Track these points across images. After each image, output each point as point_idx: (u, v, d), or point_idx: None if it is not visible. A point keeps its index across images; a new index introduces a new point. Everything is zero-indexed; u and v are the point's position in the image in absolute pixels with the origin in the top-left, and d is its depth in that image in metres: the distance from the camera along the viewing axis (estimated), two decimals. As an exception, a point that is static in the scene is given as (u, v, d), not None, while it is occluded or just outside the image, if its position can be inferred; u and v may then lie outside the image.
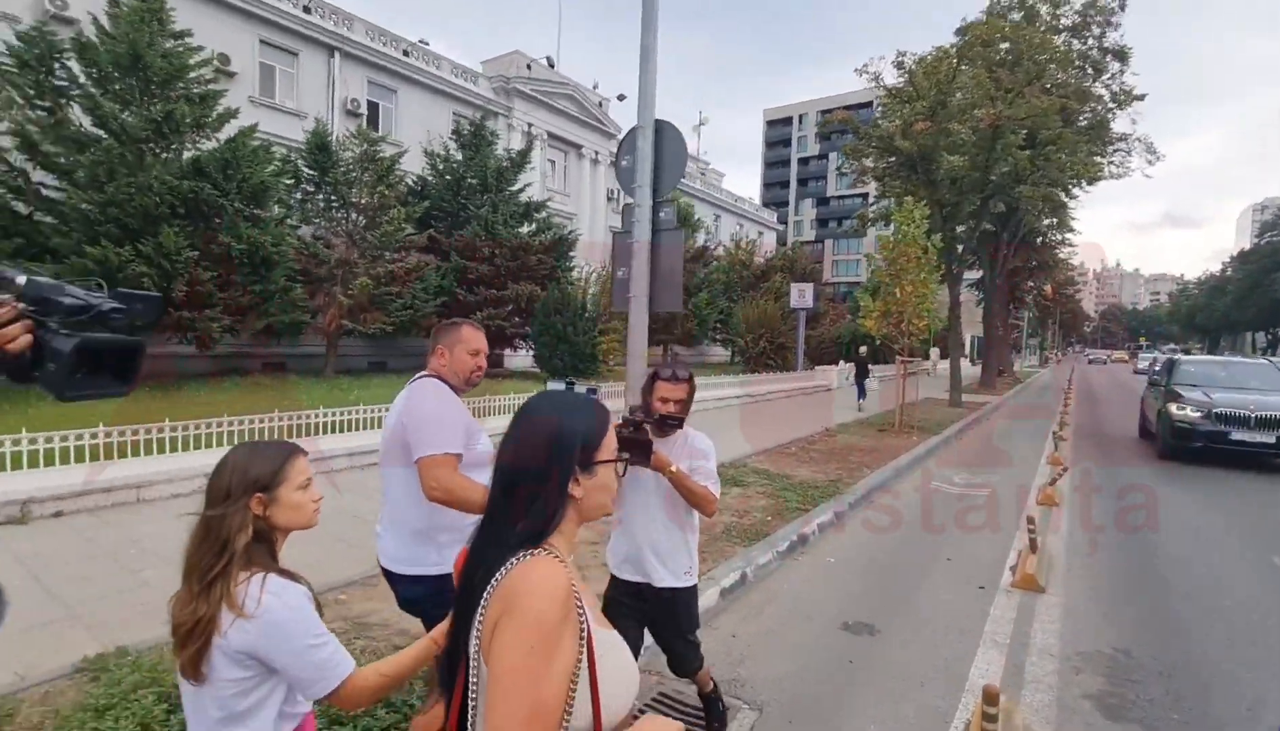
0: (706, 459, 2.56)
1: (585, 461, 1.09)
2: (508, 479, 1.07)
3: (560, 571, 0.98)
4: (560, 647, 0.94)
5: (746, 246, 38.12)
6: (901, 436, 11.88)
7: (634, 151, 4.75)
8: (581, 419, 1.11)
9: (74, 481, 5.50)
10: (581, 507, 1.10)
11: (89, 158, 12.67)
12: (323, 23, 21.41)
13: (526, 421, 1.11)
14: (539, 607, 0.94)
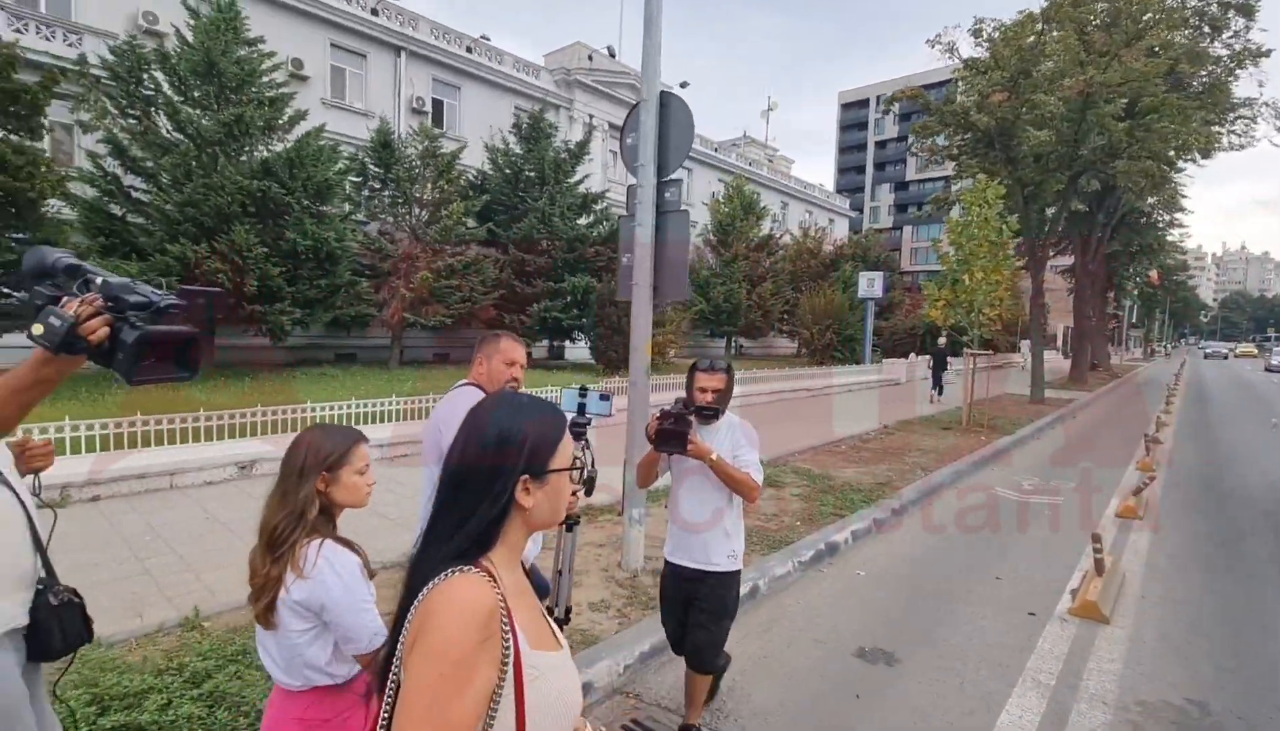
0: (749, 447, 2.67)
1: (536, 468, 1.03)
2: (451, 484, 1.02)
3: (483, 593, 0.93)
4: (474, 672, 0.89)
5: (816, 234, 36.73)
6: (968, 435, 10.96)
7: (638, 128, 4.40)
8: (533, 422, 1.04)
9: (111, 467, 5.75)
10: (530, 517, 1.04)
11: (168, 161, 13.52)
12: (389, 23, 22.06)
13: (473, 423, 1.05)
14: (451, 632, 0.90)
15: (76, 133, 14.98)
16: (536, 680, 0.96)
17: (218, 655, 3.02)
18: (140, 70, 14.04)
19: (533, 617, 1.04)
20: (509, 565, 1.03)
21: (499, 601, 0.94)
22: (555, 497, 1.06)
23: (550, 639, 1.07)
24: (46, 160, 10.41)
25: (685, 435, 2.46)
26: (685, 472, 2.73)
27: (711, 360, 2.72)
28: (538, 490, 1.03)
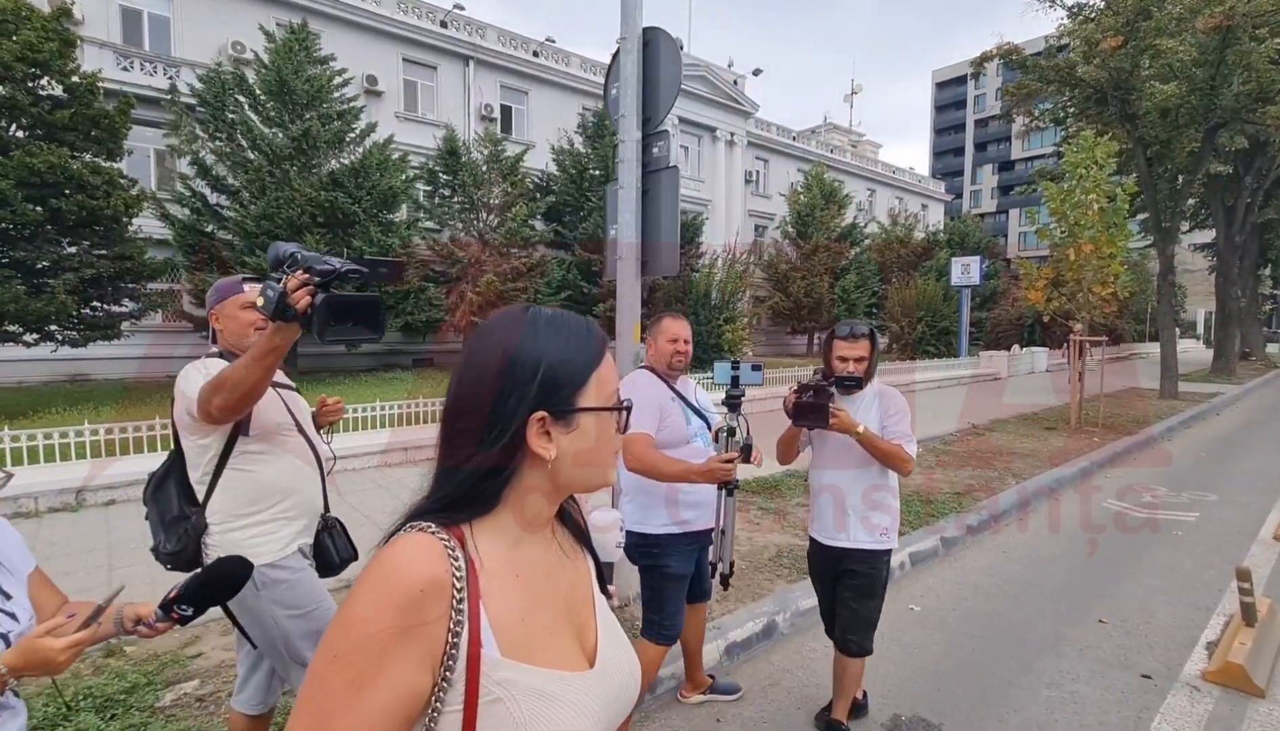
0: (898, 416, 2.55)
1: (558, 404, 0.76)
2: (445, 424, 0.78)
3: (419, 561, 0.70)
4: (380, 670, 0.65)
5: (906, 221, 34.24)
6: (1077, 436, 9.37)
7: (620, 77, 3.71)
8: (555, 343, 0.77)
9: (128, 471, 5.72)
10: (558, 473, 0.77)
11: (245, 178, 14.22)
12: (458, 35, 22.50)
13: (474, 344, 0.79)
14: (359, 608, 0.68)
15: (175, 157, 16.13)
16: (499, 704, 0.69)
17: (100, 692, 2.63)
18: (224, 95, 14.89)
19: (534, 616, 0.77)
20: (511, 536, 0.78)
21: (450, 577, 0.69)
22: (591, 447, 0.80)
23: (567, 653, 0.79)
24: (125, 180, 11.04)
25: (826, 408, 2.32)
26: (829, 448, 2.62)
27: (851, 326, 2.57)
28: (562, 434, 0.77)
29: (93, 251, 10.62)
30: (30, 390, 12.68)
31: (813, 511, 2.76)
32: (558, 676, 0.75)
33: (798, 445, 2.68)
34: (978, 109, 71.90)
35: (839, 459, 2.59)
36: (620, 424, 0.83)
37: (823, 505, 2.68)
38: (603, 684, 0.81)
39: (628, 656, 0.89)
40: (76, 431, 6.23)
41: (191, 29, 17.91)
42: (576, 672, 0.78)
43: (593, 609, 0.88)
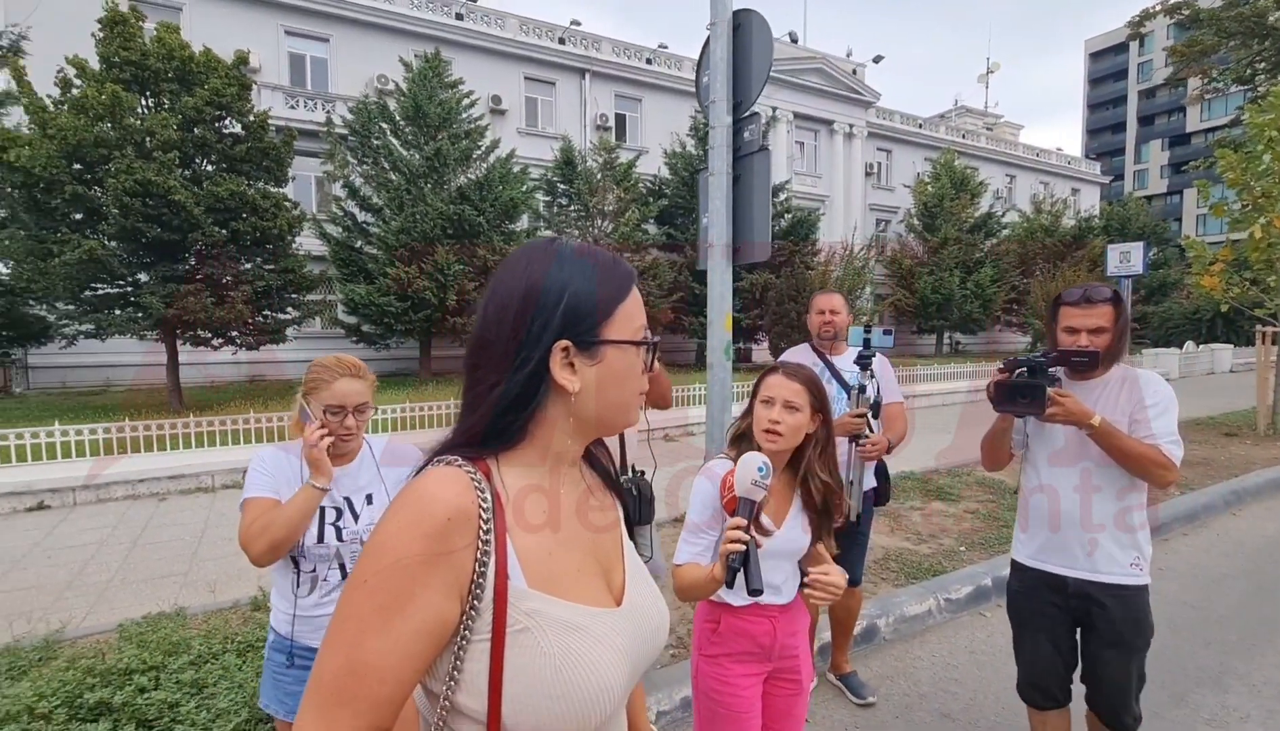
0: (1158, 410, 1.93)
1: (582, 334, 0.76)
2: (469, 358, 0.79)
3: (447, 491, 0.70)
4: (410, 596, 0.67)
5: (1053, 207, 30.96)
6: (1265, 444, 7.98)
7: (710, 64, 3.68)
8: (581, 273, 0.77)
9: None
10: (578, 406, 0.77)
11: (386, 197, 15.68)
12: (575, 50, 23.43)
13: (501, 274, 0.80)
14: (389, 536, 0.69)
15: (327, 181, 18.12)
16: (527, 634, 0.70)
17: (245, 639, 3.00)
18: (370, 124, 16.54)
19: (561, 552, 0.78)
20: (537, 471, 0.79)
21: (476, 507, 0.71)
22: (615, 381, 0.78)
23: (594, 589, 0.79)
24: (289, 203, 12.55)
25: (1042, 390, 1.85)
26: (1052, 446, 2.05)
27: (1086, 289, 2.04)
28: (586, 365, 0.76)
29: (264, 267, 12.20)
30: (218, 388, 14.77)
31: (1026, 529, 2.15)
32: (586, 610, 0.75)
33: (1008, 443, 2.13)
34: (1142, 78, 63.56)
35: (1068, 461, 2.01)
36: (646, 362, 0.82)
37: (1042, 521, 2.07)
38: (631, 622, 0.80)
39: (656, 600, 0.88)
40: (245, 419, 7.17)
41: (345, 67, 20.07)
42: (604, 608, 0.78)
43: (620, 552, 0.88)
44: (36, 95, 10.36)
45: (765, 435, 1.67)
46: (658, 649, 0.86)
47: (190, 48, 11.31)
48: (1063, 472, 2.02)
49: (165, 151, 10.54)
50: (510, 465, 0.77)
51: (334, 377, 1.70)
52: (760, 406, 1.71)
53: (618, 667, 0.75)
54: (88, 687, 2.54)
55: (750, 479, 1.29)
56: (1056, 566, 2.05)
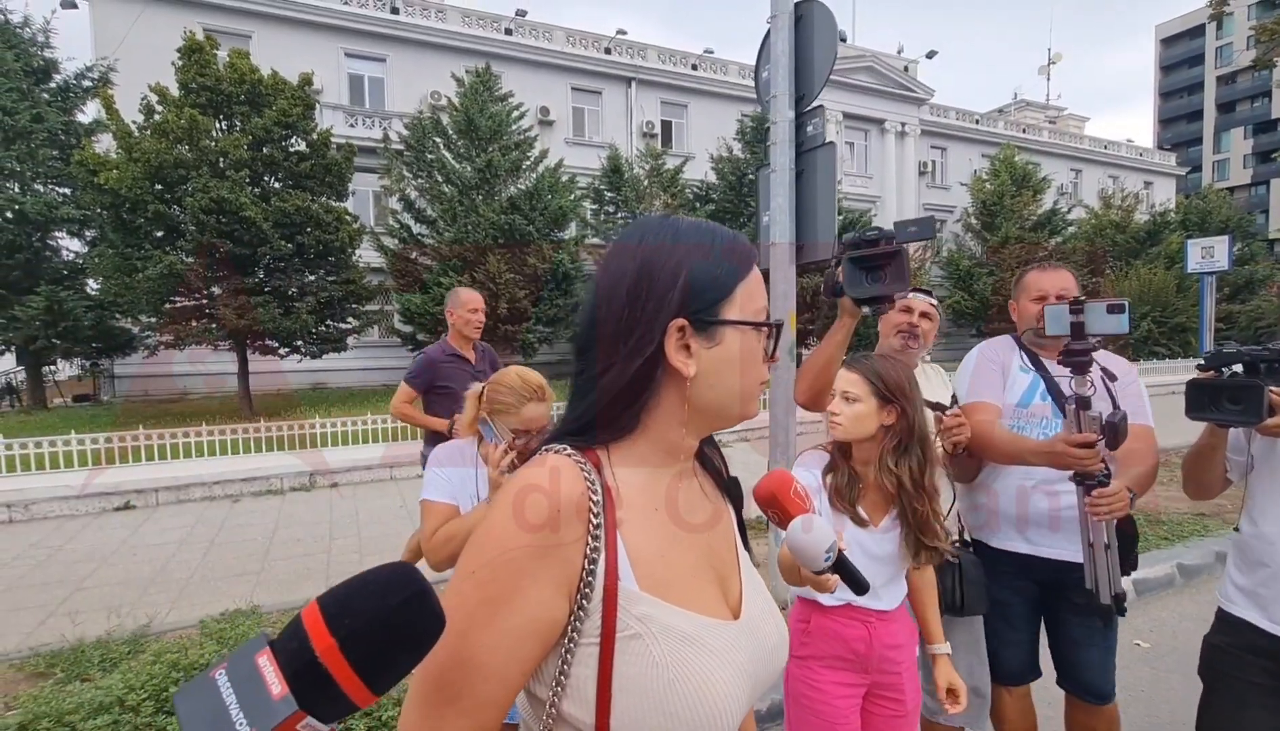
0: None
1: (700, 313, 0.70)
2: (579, 344, 0.75)
3: (563, 480, 0.67)
4: (518, 590, 0.63)
5: (1124, 202, 29.36)
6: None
7: (771, 58, 3.60)
8: (698, 248, 0.72)
9: (345, 458, 6.68)
10: (697, 394, 0.71)
11: (440, 208, 16.11)
12: (621, 59, 23.62)
13: (613, 251, 0.75)
14: (496, 526, 0.66)
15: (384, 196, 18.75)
16: (638, 640, 0.65)
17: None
18: (424, 139, 17.05)
19: (674, 554, 0.72)
20: (650, 466, 0.73)
21: (586, 498, 0.67)
22: (734, 366, 0.72)
23: (710, 598, 0.73)
24: (349, 217, 13.03)
25: (1260, 392, 1.39)
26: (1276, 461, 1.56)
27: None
28: (704, 347, 0.71)
29: (326, 278, 12.69)
30: (284, 395, 15.41)
31: (1248, 578, 1.64)
32: (703, 621, 0.70)
33: (1220, 465, 1.66)
34: (1221, 62, 59.85)
35: None
36: (768, 349, 0.76)
37: (1254, 563, 1.61)
38: (751, 638, 0.74)
39: (775, 615, 0.81)
40: (310, 425, 7.42)
41: (400, 85, 20.77)
42: (722, 620, 0.72)
43: (736, 560, 0.82)
44: (123, 121, 11.08)
45: (829, 424, 1.64)
46: (778, 670, 0.79)
47: (259, 71, 11.92)
48: None
49: (237, 170, 11.12)
50: (622, 457, 0.73)
51: (521, 403, 1.71)
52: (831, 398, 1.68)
53: (737, 686, 0.69)
54: (173, 681, 2.63)
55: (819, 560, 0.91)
56: (1268, 619, 1.56)
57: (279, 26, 19.10)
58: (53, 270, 13.95)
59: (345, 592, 0.50)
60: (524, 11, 23.07)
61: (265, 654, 0.47)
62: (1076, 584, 1.77)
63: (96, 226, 11.86)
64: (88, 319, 13.25)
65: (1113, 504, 1.62)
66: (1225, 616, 1.68)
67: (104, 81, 14.24)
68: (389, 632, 0.49)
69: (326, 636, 0.46)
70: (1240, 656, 1.63)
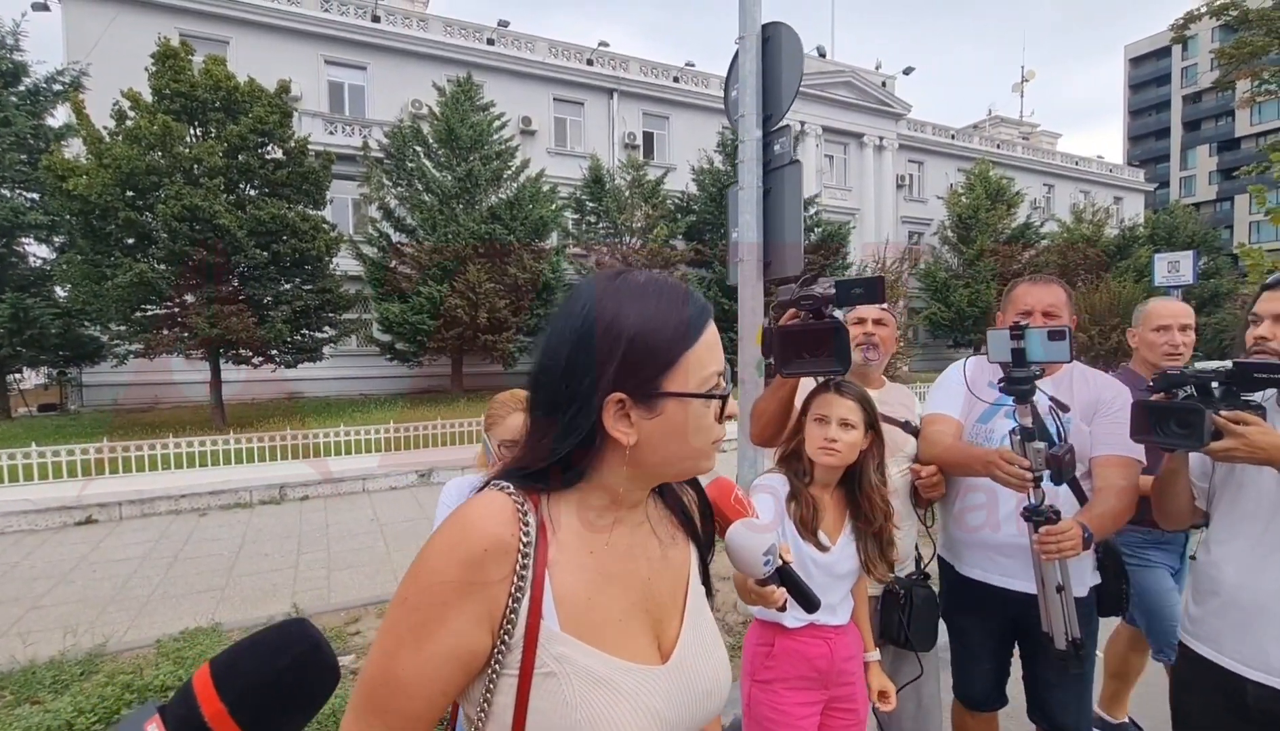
0: None
1: (639, 385, 0.70)
2: (529, 387, 0.77)
3: (488, 520, 0.69)
4: (443, 621, 0.66)
5: (1094, 216, 30.10)
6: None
7: (739, 78, 3.66)
8: (641, 314, 0.70)
9: (318, 470, 6.59)
10: (639, 459, 0.72)
11: (420, 217, 16.03)
12: (603, 70, 23.76)
13: (561, 310, 0.75)
14: (431, 557, 0.69)
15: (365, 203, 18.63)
16: (553, 679, 0.68)
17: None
18: (405, 147, 16.99)
19: (604, 598, 0.73)
20: (592, 509, 0.75)
21: (516, 540, 0.69)
22: (677, 434, 0.72)
23: (635, 642, 0.74)
24: (327, 225, 12.91)
25: (1202, 416, 1.33)
26: (1246, 503, 1.47)
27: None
28: (644, 419, 0.70)
29: (302, 287, 12.54)
30: (258, 405, 15.16)
31: (1201, 608, 1.55)
32: (619, 664, 0.71)
33: (1184, 491, 1.59)
34: (1187, 82, 61.79)
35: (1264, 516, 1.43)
36: (718, 412, 0.74)
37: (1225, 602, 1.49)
38: (673, 682, 0.75)
39: (713, 658, 0.81)
40: (282, 436, 7.32)
41: (381, 93, 20.68)
42: (643, 665, 0.73)
43: (681, 601, 0.82)
44: (94, 127, 10.90)
45: (822, 452, 1.61)
46: (708, 714, 0.80)
47: (236, 78, 11.80)
48: (1257, 529, 1.44)
49: (211, 177, 10.97)
50: (563, 499, 0.74)
51: (508, 413, 1.72)
52: (814, 425, 1.65)
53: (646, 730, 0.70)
54: (125, 704, 2.57)
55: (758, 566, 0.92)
56: (1238, 662, 1.45)
57: (257, 33, 18.95)
58: (18, 277, 13.65)
59: (236, 654, 0.51)
60: (506, 22, 23.15)
61: (154, 721, 0.47)
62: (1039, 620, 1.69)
63: (65, 232, 11.63)
64: (54, 326, 12.96)
65: (1062, 543, 1.52)
66: (1184, 650, 1.62)
67: (75, 86, 14.00)
68: (278, 694, 0.49)
69: (216, 701, 0.47)
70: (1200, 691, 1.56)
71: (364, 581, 4.49)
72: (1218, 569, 1.51)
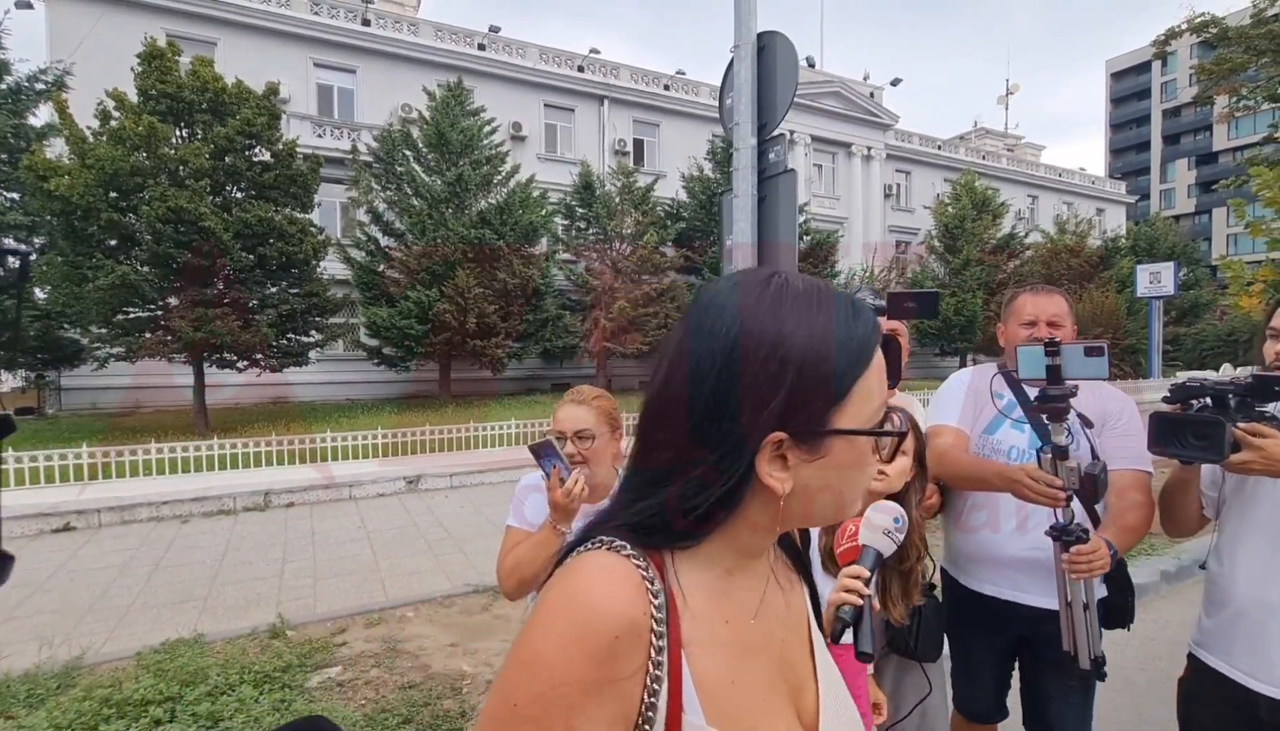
0: None
1: (808, 421, 0.57)
2: (645, 425, 0.62)
3: (616, 597, 0.55)
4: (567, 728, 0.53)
5: (1077, 227, 30.57)
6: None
7: (734, 86, 3.66)
8: (811, 333, 0.57)
9: (303, 478, 6.50)
10: (790, 509, 0.60)
11: (409, 222, 15.94)
12: (594, 77, 23.83)
13: (697, 322, 0.60)
14: (545, 648, 0.54)
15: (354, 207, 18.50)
16: None
17: (264, 669, 2.94)
18: (394, 151, 16.90)
19: (747, 675, 0.62)
20: (720, 566, 0.62)
21: (649, 619, 0.56)
22: (839, 478, 0.60)
23: (783, 721, 0.63)
24: (314, 229, 12.80)
25: (1222, 428, 1.32)
26: (1260, 513, 1.47)
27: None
28: (804, 462, 0.58)
29: (289, 290, 12.41)
30: (243, 409, 14.96)
31: (1212, 615, 1.57)
32: None
33: (1194, 501, 1.60)
34: (1166, 97, 63.08)
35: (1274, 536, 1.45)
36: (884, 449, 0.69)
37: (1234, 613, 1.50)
38: None
39: (852, 719, 0.72)
40: (266, 441, 7.21)
41: (370, 97, 20.59)
42: None
43: (810, 659, 0.71)
44: (77, 127, 10.74)
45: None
46: None
47: (223, 80, 11.69)
48: (1269, 549, 1.45)
49: (197, 179, 10.84)
50: (689, 558, 0.61)
51: (560, 406, 1.72)
52: None
53: None
54: (103, 719, 2.50)
55: (883, 527, 1.06)
56: (1248, 675, 1.46)
57: (246, 34, 18.82)
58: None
59: None
60: (497, 27, 23.17)
61: None
62: (1051, 635, 1.66)
63: (45, 233, 11.43)
64: (33, 328, 12.73)
65: (1093, 562, 1.49)
66: (1195, 662, 1.61)
67: (58, 85, 13.80)
68: None
69: None
70: (1213, 705, 1.56)
71: (351, 590, 4.41)
72: (1229, 579, 1.51)
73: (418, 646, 3.44)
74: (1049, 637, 1.67)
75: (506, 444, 8.95)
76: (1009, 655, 1.98)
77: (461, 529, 5.86)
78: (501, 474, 7.60)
